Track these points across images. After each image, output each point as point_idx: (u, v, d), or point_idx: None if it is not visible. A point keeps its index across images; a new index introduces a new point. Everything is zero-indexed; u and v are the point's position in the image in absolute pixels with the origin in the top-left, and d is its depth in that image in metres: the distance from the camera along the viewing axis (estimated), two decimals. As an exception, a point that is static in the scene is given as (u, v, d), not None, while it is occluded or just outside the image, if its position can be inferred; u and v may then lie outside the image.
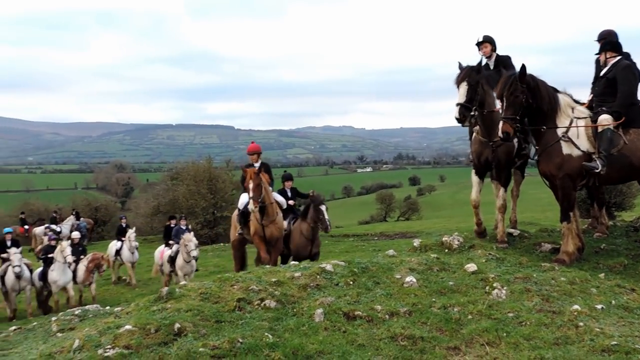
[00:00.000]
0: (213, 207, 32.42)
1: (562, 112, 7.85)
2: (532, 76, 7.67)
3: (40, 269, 16.71)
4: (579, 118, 7.92)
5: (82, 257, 16.78)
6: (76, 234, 18.20)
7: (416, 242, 8.75)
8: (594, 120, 7.93)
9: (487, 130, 8.44)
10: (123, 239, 19.74)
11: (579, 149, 7.73)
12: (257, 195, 10.59)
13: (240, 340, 5.34)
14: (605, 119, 7.81)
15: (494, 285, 6.70)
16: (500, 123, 7.51)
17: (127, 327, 5.51)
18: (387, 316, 6.05)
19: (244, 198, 11.29)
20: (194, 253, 15.27)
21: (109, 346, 5.23)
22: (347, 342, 5.50)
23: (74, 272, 16.20)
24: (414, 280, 6.84)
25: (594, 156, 7.71)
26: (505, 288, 6.65)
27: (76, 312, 11.01)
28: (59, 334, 8.79)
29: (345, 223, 49.69)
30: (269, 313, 6.05)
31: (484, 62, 8.91)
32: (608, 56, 8.24)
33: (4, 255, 16.92)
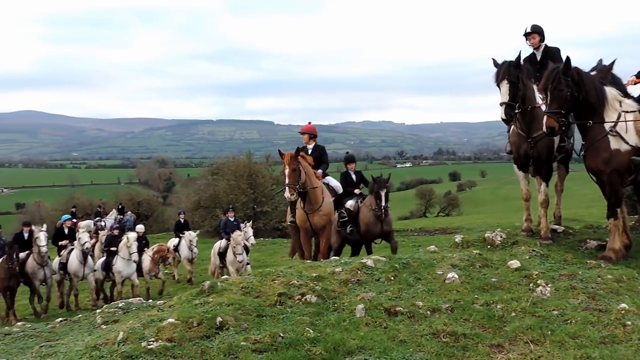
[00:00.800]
0: (253, 202, 32.63)
1: (609, 105, 7.59)
2: (577, 69, 7.41)
3: (103, 258, 16.74)
4: (627, 112, 7.63)
5: (145, 249, 16.86)
6: (141, 227, 18.32)
7: (458, 238, 8.66)
8: None
9: (527, 126, 8.26)
10: (182, 235, 19.21)
11: (627, 143, 7.50)
12: (294, 181, 9.69)
13: (282, 335, 5.36)
14: None
15: (538, 282, 6.59)
16: (545, 117, 7.30)
17: (170, 320, 5.58)
18: (428, 312, 5.99)
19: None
20: (240, 257, 15.06)
21: (152, 339, 5.30)
22: (389, 338, 5.47)
23: (139, 263, 16.17)
24: (456, 276, 6.76)
25: None
26: (549, 285, 6.53)
27: (120, 305, 11.22)
28: (103, 326, 8.97)
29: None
30: (310, 308, 6.06)
31: (523, 55, 8.64)
32: None
33: (62, 243, 16.96)
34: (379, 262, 7.23)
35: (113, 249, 16.28)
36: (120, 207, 27.42)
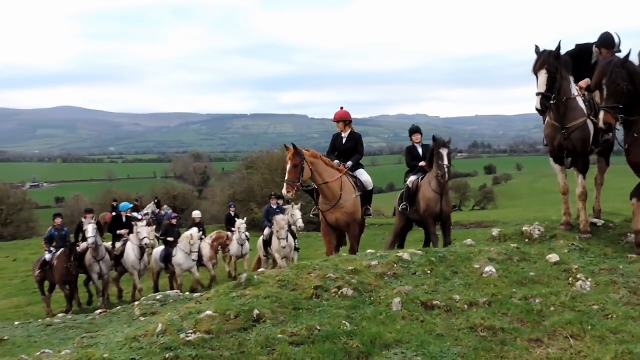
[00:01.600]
0: (288, 195, 32.69)
1: None
2: (631, 62, 7.18)
3: (162, 248, 16.55)
4: None
5: (203, 237, 16.64)
6: (197, 213, 18.33)
7: (495, 232, 8.56)
8: None
9: (561, 117, 8.10)
10: (233, 229, 18.09)
11: None
12: (294, 178, 9.20)
13: (318, 328, 5.38)
14: None
15: (578, 276, 6.49)
16: (602, 113, 7.04)
17: (208, 312, 5.64)
18: (466, 306, 5.95)
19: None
20: (284, 243, 14.60)
21: (190, 331, 5.36)
22: (426, 332, 5.45)
23: (198, 252, 15.94)
24: (494, 270, 6.69)
25: None
26: (589, 280, 6.42)
27: (158, 297, 11.40)
28: (142, 318, 9.13)
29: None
30: (346, 301, 6.06)
31: (564, 45, 8.42)
32: None
33: (121, 232, 16.58)
34: (416, 255, 7.20)
35: (170, 239, 16.02)
36: (156, 201, 27.69)
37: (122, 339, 5.50)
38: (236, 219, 18.47)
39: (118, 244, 16.28)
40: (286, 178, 9.29)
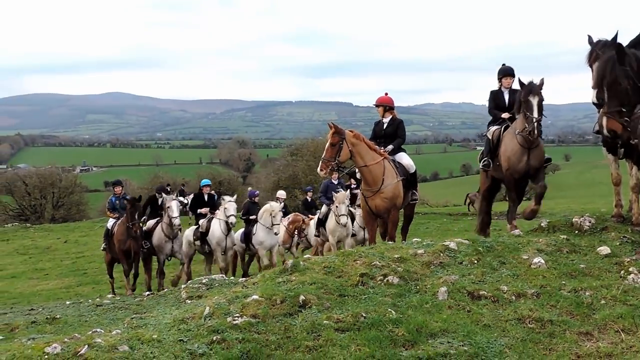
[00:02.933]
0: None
1: None
2: (635, 54, 6.38)
3: (242, 230, 15.50)
4: None
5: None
6: (282, 193, 17.22)
7: (544, 223, 8.40)
8: None
9: None
10: (311, 216, 16.89)
11: None
12: (330, 156, 9.04)
13: (364, 315, 5.38)
14: None
15: (630, 269, 6.31)
16: (604, 119, 6.36)
17: (254, 297, 5.70)
18: (513, 297, 5.87)
19: None
20: (343, 220, 13.30)
21: (237, 314, 5.43)
22: (472, 322, 5.40)
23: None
24: (542, 261, 6.58)
25: None
26: (642, 273, 6.26)
27: (203, 281, 11.57)
28: (188, 301, 9.28)
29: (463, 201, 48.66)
30: (392, 289, 6.05)
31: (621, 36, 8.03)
32: None
33: (202, 210, 15.40)
34: (462, 244, 7.13)
35: (252, 217, 14.92)
36: (183, 187, 27.79)
37: (170, 321, 5.59)
38: (314, 205, 17.66)
39: (202, 221, 15.07)
40: (323, 156, 9.21)
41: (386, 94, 10.54)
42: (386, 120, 10.28)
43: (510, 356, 4.82)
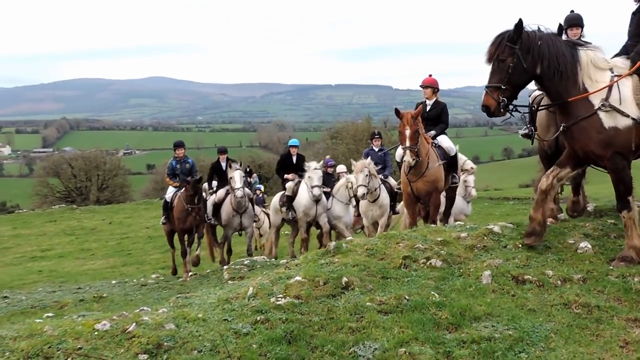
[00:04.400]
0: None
1: (583, 73, 6.14)
2: (531, 33, 6.09)
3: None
4: (619, 76, 6.18)
5: None
6: (342, 167, 15.74)
7: (590, 207, 8.25)
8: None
9: None
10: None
11: (628, 116, 6.04)
12: (413, 144, 8.96)
13: (407, 297, 5.38)
14: None
15: (680, 255, 6.16)
16: (483, 94, 6.18)
17: (297, 278, 5.74)
18: (559, 282, 5.78)
19: (399, 151, 9.74)
20: (361, 191, 11.56)
21: (280, 295, 5.47)
22: (517, 306, 5.34)
23: None
24: (589, 246, 6.45)
25: None
26: (694, 259, 6.09)
27: (245, 262, 11.71)
28: (230, 282, 9.41)
29: (505, 186, 48.15)
30: (435, 272, 6.01)
31: None
32: None
33: (289, 176, 13.70)
34: (506, 228, 7.04)
35: (327, 189, 13.51)
36: (248, 170, 27.93)
37: (215, 301, 5.67)
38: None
39: (289, 184, 13.45)
40: (407, 144, 8.98)
41: (430, 75, 10.38)
42: (429, 102, 10.16)
43: (556, 341, 4.76)
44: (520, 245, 6.57)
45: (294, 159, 14.05)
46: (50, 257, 20.96)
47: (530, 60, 6.03)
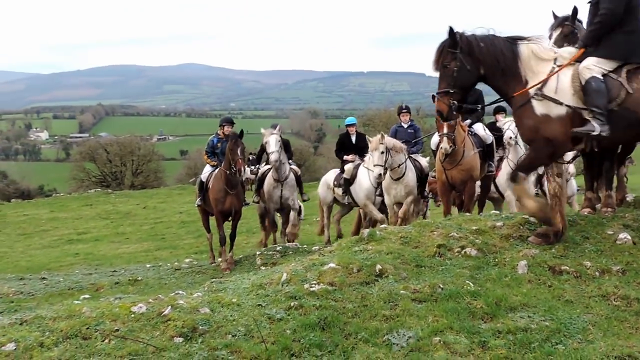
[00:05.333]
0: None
1: (524, 66, 6.32)
2: (468, 37, 6.33)
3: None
4: (561, 66, 6.30)
5: None
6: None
7: (629, 197, 8.08)
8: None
9: None
10: None
11: (562, 104, 6.17)
12: (451, 131, 9.02)
13: (441, 286, 5.34)
14: (587, 62, 6.19)
15: None
16: (435, 100, 6.49)
17: (331, 265, 5.73)
18: (597, 273, 5.68)
19: (436, 137, 9.73)
20: (377, 170, 10.55)
21: (314, 282, 5.48)
22: (553, 297, 5.27)
23: None
24: (629, 237, 6.31)
25: (588, 116, 6.07)
26: None
27: (277, 249, 11.76)
28: (262, 268, 9.46)
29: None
30: (470, 261, 5.96)
31: None
32: None
33: (349, 157, 12.63)
34: (543, 218, 6.92)
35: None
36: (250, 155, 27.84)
37: (249, 286, 5.70)
38: None
39: (348, 166, 12.35)
40: (445, 131, 9.01)
41: None
42: None
43: (594, 333, 4.68)
44: (557, 236, 6.45)
45: (353, 138, 13.08)
46: (87, 240, 21.29)
47: (472, 62, 6.28)
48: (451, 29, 6.27)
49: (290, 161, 13.26)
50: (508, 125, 10.71)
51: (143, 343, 4.38)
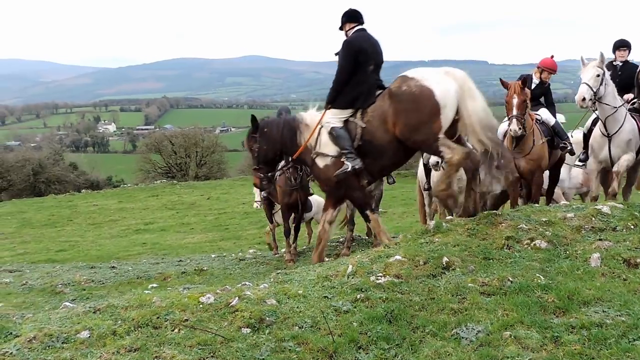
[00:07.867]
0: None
1: (299, 136, 7.81)
2: (261, 124, 8.01)
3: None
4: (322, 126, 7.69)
5: None
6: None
7: None
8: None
9: None
10: None
11: (329, 155, 7.57)
12: (521, 113, 8.65)
13: (510, 279, 5.22)
14: (326, 117, 7.63)
15: None
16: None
17: (397, 257, 5.68)
18: (676, 267, 5.44)
19: (503, 126, 9.32)
20: (433, 160, 9.28)
21: (380, 274, 5.44)
22: (629, 291, 5.07)
23: None
24: None
25: (342, 158, 7.42)
26: None
27: (340, 240, 11.73)
28: (326, 259, 9.45)
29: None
30: (540, 254, 5.80)
31: None
32: (347, 28, 7.83)
33: None
34: (616, 209, 6.69)
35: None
36: None
37: (315, 277, 5.70)
38: None
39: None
40: (515, 113, 8.70)
41: (552, 56, 9.99)
42: (535, 80, 9.80)
43: (674, 330, 4.48)
44: (632, 227, 6.23)
45: None
46: (153, 230, 21.83)
47: (265, 142, 7.92)
48: (253, 117, 8.08)
49: None
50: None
51: (212, 333, 4.45)
